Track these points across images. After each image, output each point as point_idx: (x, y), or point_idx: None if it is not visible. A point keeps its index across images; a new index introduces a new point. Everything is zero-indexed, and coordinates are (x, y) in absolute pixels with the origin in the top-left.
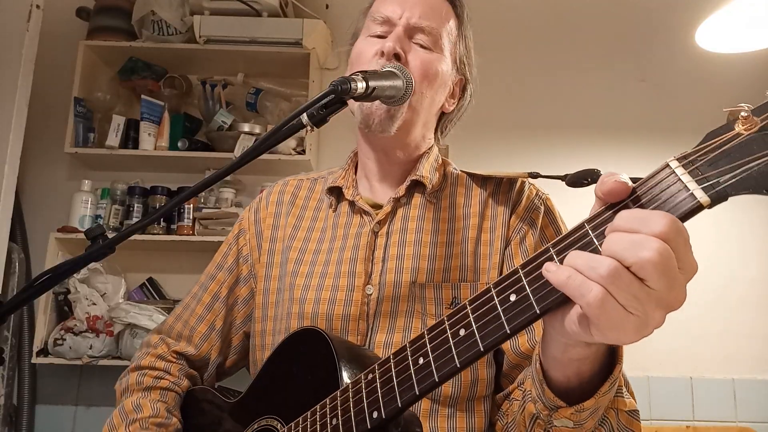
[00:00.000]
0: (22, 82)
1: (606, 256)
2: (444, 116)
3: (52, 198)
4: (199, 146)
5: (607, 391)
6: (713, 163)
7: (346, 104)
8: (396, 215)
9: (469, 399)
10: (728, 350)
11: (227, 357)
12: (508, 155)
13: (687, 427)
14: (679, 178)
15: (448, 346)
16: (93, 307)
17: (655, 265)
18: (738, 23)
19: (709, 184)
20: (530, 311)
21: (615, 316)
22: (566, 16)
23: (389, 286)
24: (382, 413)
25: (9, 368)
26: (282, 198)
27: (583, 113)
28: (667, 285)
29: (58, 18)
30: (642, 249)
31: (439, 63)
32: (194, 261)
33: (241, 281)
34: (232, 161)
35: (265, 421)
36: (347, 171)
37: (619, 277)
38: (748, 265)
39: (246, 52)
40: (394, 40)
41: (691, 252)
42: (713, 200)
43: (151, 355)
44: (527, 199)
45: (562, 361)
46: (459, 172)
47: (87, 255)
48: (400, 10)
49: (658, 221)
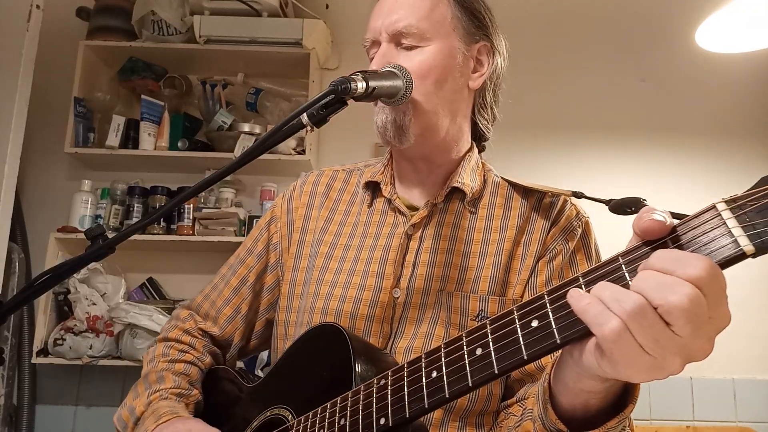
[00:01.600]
0: (22, 82)
1: (634, 292)
2: (479, 93)
3: (52, 198)
4: (199, 146)
5: (614, 427)
6: (763, 211)
7: (346, 104)
8: (432, 220)
9: (481, 413)
10: (728, 350)
11: (250, 341)
12: (508, 155)
13: (687, 427)
14: (724, 221)
15: (463, 364)
16: (93, 307)
17: (683, 311)
18: (738, 23)
19: (755, 232)
20: (550, 340)
21: (630, 353)
22: (566, 16)
23: (417, 293)
24: (389, 421)
25: (9, 368)
26: (316, 189)
27: (583, 113)
28: (692, 333)
29: (58, 18)
30: (673, 292)
31: (434, 55)
32: (194, 261)
33: (268, 269)
34: (232, 161)
35: (277, 410)
36: (387, 166)
37: (643, 316)
38: (748, 265)
39: (246, 52)
40: (376, 61)
41: (726, 302)
42: (758, 250)
43: (178, 328)
44: (566, 219)
45: (573, 389)
46: (500, 180)
47: (87, 255)
48: (378, 24)
49: (695, 265)
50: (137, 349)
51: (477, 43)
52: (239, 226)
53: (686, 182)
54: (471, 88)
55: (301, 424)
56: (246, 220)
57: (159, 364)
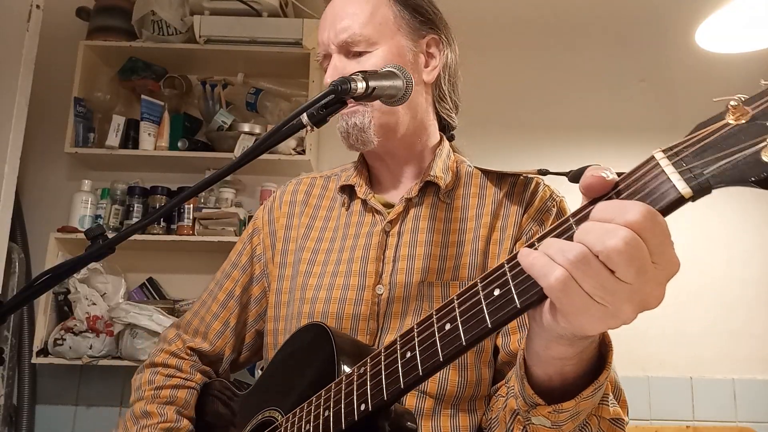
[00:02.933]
0: (22, 82)
1: (576, 242)
2: (435, 85)
3: (52, 198)
4: (199, 146)
5: (590, 396)
6: (699, 154)
7: (346, 104)
8: (408, 215)
9: (472, 398)
10: (728, 350)
11: (241, 353)
12: (508, 155)
13: (687, 427)
14: (662, 169)
15: (434, 340)
16: (93, 307)
17: (621, 254)
18: (738, 23)
19: (692, 175)
20: (511, 305)
21: (579, 302)
22: (566, 16)
23: (399, 287)
24: (368, 405)
25: (9, 368)
26: (295, 198)
27: (583, 113)
28: (637, 278)
29: (58, 18)
30: (610, 237)
31: (384, 57)
32: (194, 261)
33: (254, 280)
34: (232, 161)
35: (268, 413)
36: (359, 169)
37: (586, 264)
38: (749, 266)
39: (246, 52)
40: (329, 74)
41: (671, 247)
42: (695, 192)
43: (165, 351)
44: (540, 200)
45: (544, 358)
46: (473, 169)
47: (87, 255)
48: (326, 36)
49: (631, 209)
50: (137, 349)
51: (424, 38)
52: (239, 226)
53: None
54: (426, 82)
55: (289, 421)
56: (246, 220)
57: (145, 393)
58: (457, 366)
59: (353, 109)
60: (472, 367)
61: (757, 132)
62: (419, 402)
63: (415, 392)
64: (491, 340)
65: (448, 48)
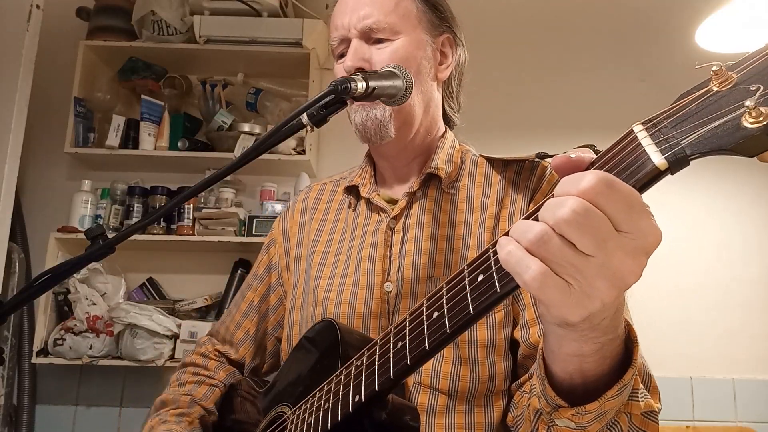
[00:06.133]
0: (22, 82)
1: (538, 222)
2: (446, 84)
3: (52, 198)
4: (199, 146)
5: (615, 396)
6: (678, 124)
7: (346, 104)
8: (412, 209)
9: (487, 394)
10: (728, 350)
11: (264, 361)
12: (507, 155)
13: (687, 427)
14: (639, 141)
15: (422, 329)
16: (93, 307)
17: (569, 223)
18: (738, 23)
19: (668, 145)
20: (492, 290)
21: (556, 293)
22: (566, 16)
23: (407, 283)
24: (362, 397)
25: (9, 368)
26: (306, 205)
27: (583, 113)
28: (598, 248)
29: (58, 18)
30: (559, 208)
31: (405, 47)
32: (194, 261)
33: (271, 289)
34: (232, 161)
35: (280, 408)
36: (364, 168)
37: (547, 241)
38: (749, 266)
39: (246, 52)
40: (350, 57)
41: (644, 216)
42: (671, 163)
43: (195, 353)
44: (548, 183)
45: (559, 356)
46: (479, 158)
47: (87, 255)
48: (346, 21)
49: (583, 178)
50: (137, 349)
51: (441, 36)
52: (239, 226)
53: (686, 182)
54: (440, 80)
55: (295, 414)
56: (246, 220)
57: (170, 388)
58: (468, 361)
59: (372, 103)
60: (484, 362)
61: (739, 97)
62: (432, 399)
63: (428, 390)
64: (505, 332)
65: (461, 48)
